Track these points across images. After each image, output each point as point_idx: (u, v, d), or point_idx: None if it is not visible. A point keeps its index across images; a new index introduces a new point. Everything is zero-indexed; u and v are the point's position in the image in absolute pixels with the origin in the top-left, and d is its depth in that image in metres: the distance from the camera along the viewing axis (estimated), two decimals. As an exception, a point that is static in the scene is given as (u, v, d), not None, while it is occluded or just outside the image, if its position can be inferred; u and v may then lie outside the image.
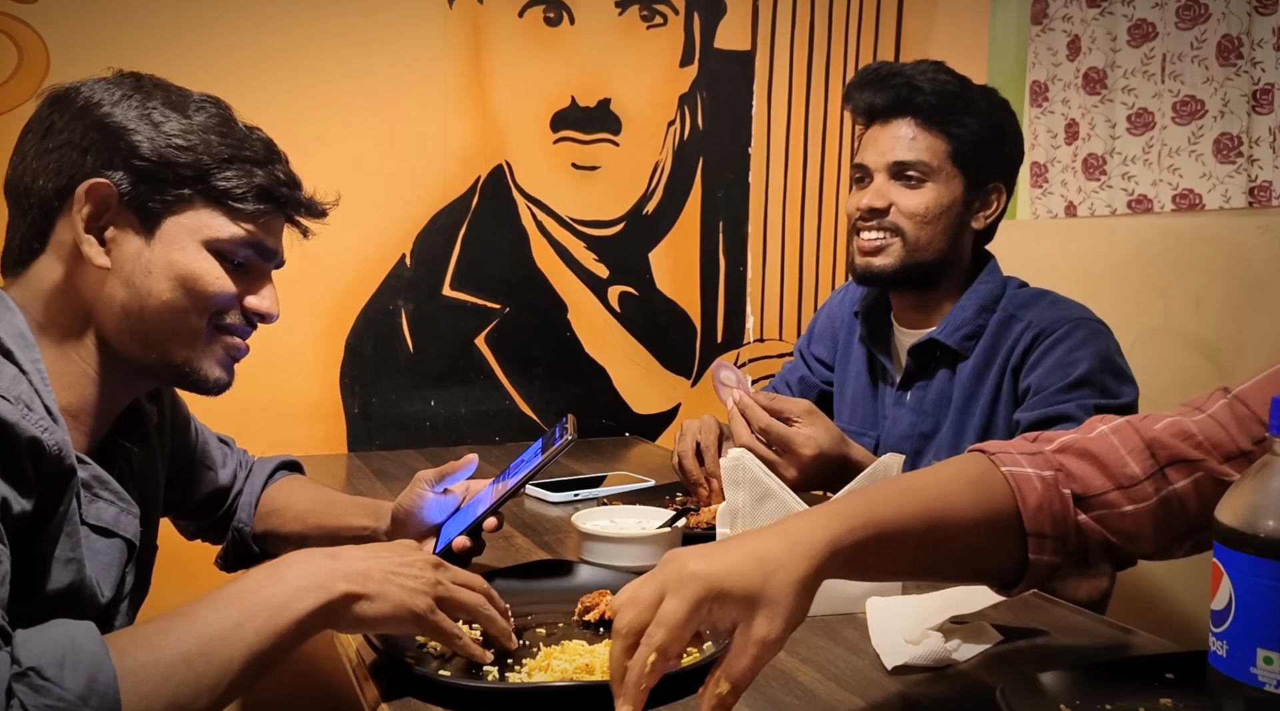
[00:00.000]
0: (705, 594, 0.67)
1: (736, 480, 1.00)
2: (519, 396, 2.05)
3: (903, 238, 1.31)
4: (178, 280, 0.86)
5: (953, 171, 1.31)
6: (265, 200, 0.89)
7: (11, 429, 0.72)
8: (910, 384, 1.37)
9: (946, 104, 1.30)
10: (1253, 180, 1.74)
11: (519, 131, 1.99)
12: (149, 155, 0.84)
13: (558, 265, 2.06)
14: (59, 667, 0.60)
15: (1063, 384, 1.21)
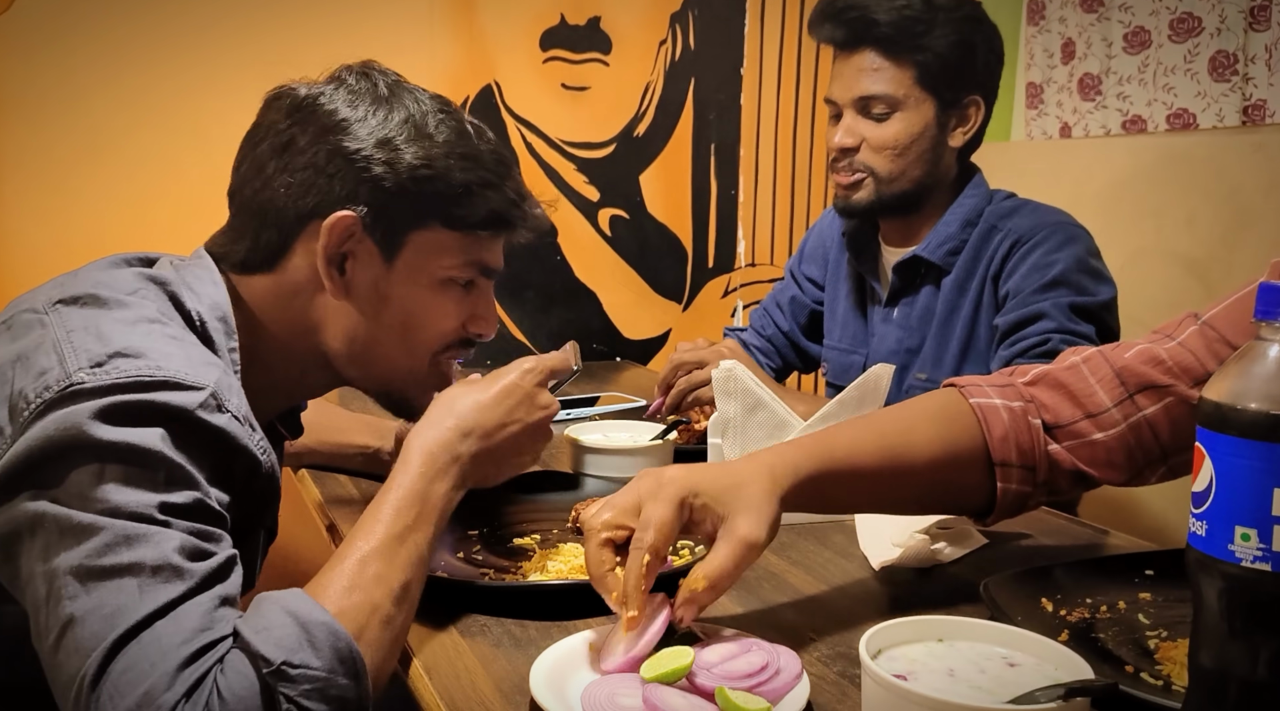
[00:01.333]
0: (685, 494, 0.70)
1: (728, 390, 1.01)
2: (510, 320, 2.05)
3: (874, 174, 1.31)
4: (406, 315, 0.84)
5: (921, 96, 1.29)
6: (499, 225, 0.87)
7: (241, 450, 0.71)
8: (896, 300, 1.38)
9: (906, 29, 1.26)
10: (1247, 99, 1.73)
11: (507, 50, 1.95)
12: (393, 188, 0.81)
13: (548, 187, 2.04)
14: (300, 651, 0.61)
15: (1039, 284, 1.22)
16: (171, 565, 0.62)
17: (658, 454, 1.14)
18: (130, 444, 0.64)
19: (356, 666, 0.63)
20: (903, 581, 0.87)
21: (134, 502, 0.63)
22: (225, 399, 0.70)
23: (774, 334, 1.58)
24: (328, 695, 0.61)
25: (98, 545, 0.61)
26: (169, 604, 0.61)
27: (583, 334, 2.11)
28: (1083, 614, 0.76)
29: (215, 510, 0.67)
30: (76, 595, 0.61)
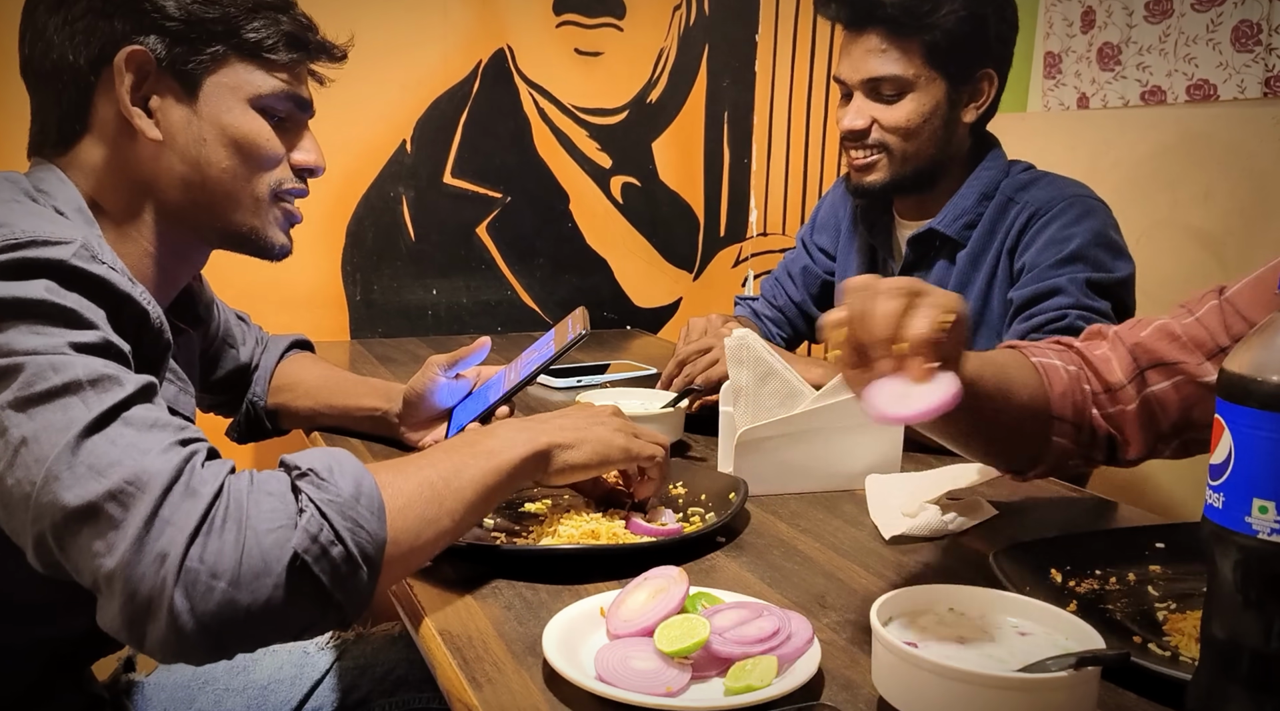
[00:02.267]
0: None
1: (740, 359, 1.01)
2: (520, 287, 2.05)
3: (889, 153, 1.29)
4: (233, 144, 0.85)
5: (931, 74, 1.27)
6: (295, 48, 0.87)
7: (126, 299, 0.72)
8: (910, 274, 1.37)
9: (913, 8, 1.24)
10: (1269, 70, 1.70)
11: (521, 14, 1.93)
12: (176, 14, 0.81)
13: (560, 154, 2.03)
14: (329, 472, 0.65)
15: (1055, 259, 1.21)
16: (106, 375, 0.64)
17: (669, 421, 1.14)
18: (18, 297, 0.65)
19: (378, 506, 0.66)
20: (913, 551, 0.87)
21: (45, 344, 0.64)
22: (97, 251, 0.70)
23: (785, 304, 1.57)
24: (346, 514, 0.64)
25: (25, 378, 0.62)
26: (119, 405, 0.63)
27: (593, 302, 2.11)
28: (1092, 585, 0.76)
29: (122, 350, 0.68)
30: (20, 423, 0.61)
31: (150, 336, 0.75)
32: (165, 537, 0.59)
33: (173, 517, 0.59)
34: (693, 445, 1.19)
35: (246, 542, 0.60)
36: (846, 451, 1.03)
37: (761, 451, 1.00)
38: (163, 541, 0.59)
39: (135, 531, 0.59)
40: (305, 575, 0.61)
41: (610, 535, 0.85)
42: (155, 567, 0.58)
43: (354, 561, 0.64)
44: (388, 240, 1.92)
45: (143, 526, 0.59)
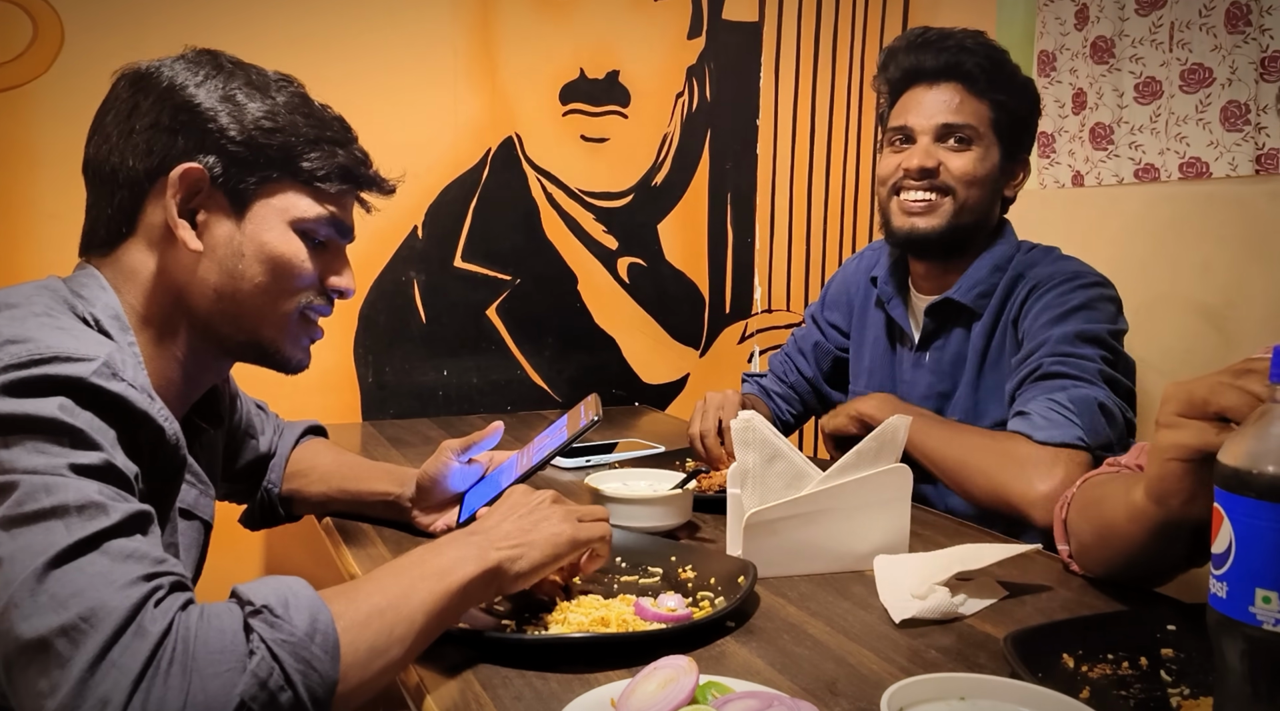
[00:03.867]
0: None
1: (747, 441, 1.02)
2: (530, 366, 2.07)
3: (953, 197, 1.31)
4: (269, 262, 0.87)
5: (993, 139, 1.33)
6: (346, 179, 0.90)
7: (143, 418, 0.73)
8: (928, 345, 1.39)
9: (991, 72, 1.32)
10: (1260, 148, 1.74)
11: (528, 103, 2.00)
12: (239, 138, 0.85)
13: (567, 237, 2.07)
14: (285, 608, 0.64)
15: (1046, 320, 1.24)
16: (95, 503, 0.64)
17: (677, 503, 1.14)
18: (30, 414, 0.65)
19: (332, 644, 0.64)
20: (923, 634, 0.87)
21: (44, 464, 0.64)
22: (119, 369, 0.72)
23: (796, 380, 1.59)
24: (299, 655, 0.62)
25: (17, 497, 0.63)
26: (100, 533, 0.63)
27: (602, 379, 2.13)
28: (1105, 670, 0.76)
29: (124, 474, 0.68)
30: (3, 542, 0.61)
31: (166, 452, 0.77)
32: (109, 682, 0.57)
33: (119, 659, 0.58)
34: (701, 526, 1.19)
35: (191, 689, 0.58)
36: (854, 532, 1.03)
37: (770, 533, 1.01)
38: (105, 686, 0.57)
39: (80, 673, 0.57)
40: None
41: (620, 622, 0.85)
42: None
43: (302, 706, 0.62)
44: (400, 322, 1.95)
45: (87, 668, 0.57)
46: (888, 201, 1.36)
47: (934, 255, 1.36)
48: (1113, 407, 1.15)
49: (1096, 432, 1.13)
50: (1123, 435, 1.16)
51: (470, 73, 1.94)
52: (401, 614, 0.70)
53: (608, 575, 1.00)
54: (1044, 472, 1.12)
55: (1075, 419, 1.14)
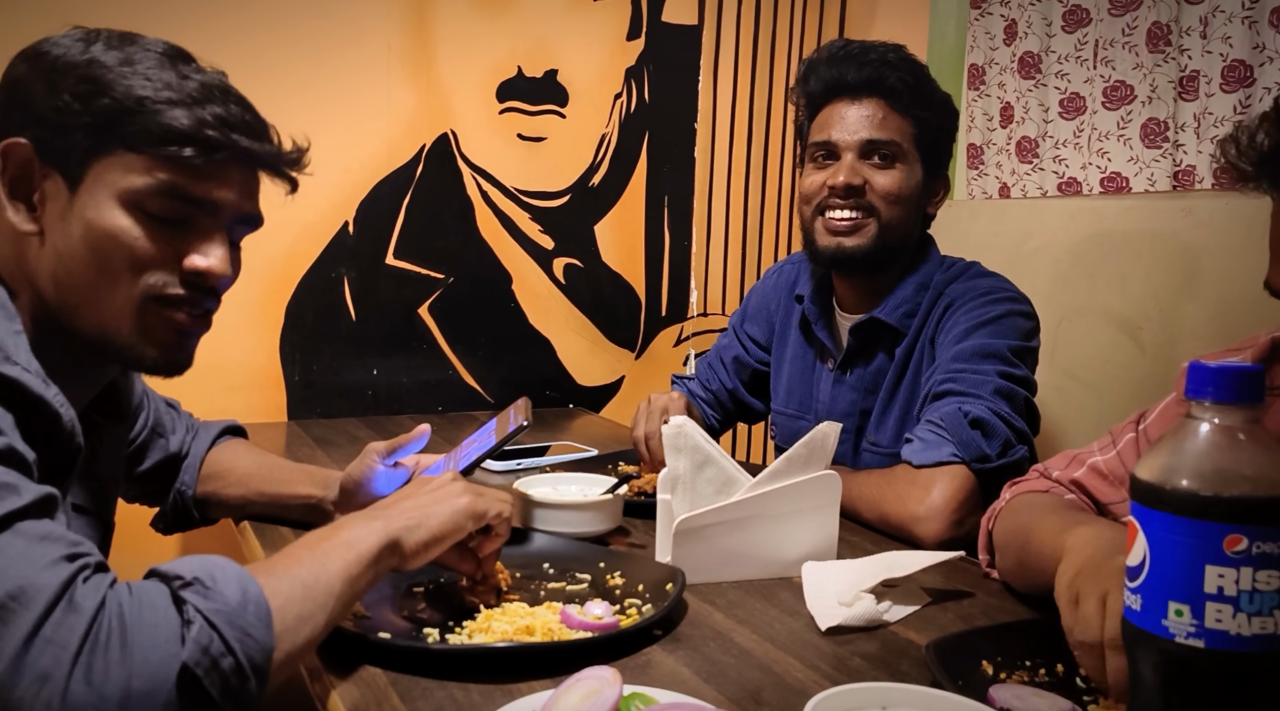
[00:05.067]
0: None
1: (678, 447, 1.01)
2: (462, 366, 2.04)
3: (877, 218, 1.31)
4: (93, 241, 0.78)
5: (916, 156, 1.33)
6: (185, 143, 0.79)
7: (38, 402, 0.70)
8: (851, 363, 1.39)
9: (914, 88, 1.32)
10: (1177, 164, 1.81)
11: (464, 100, 1.97)
12: (59, 106, 0.78)
13: (502, 236, 2.05)
14: (213, 580, 0.64)
15: (951, 338, 1.26)
16: (5, 483, 0.62)
17: (608, 508, 1.13)
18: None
19: (265, 612, 0.64)
20: (848, 641, 0.87)
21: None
22: (12, 352, 0.69)
23: (719, 389, 1.59)
24: (235, 623, 0.62)
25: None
26: (12, 514, 0.61)
27: (536, 380, 2.10)
28: (1022, 677, 0.77)
29: (25, 459, 0.66)
30: None
31: (61, 440, 0.73)
32: (47, 658, 0.56)
33: (54, 636, 0.57)
34: (632, 531, 1.18)
35: (134, 661, 0.58)
36: (784, 538, 1.03)
37: (699, 540, 1.00)
38: (44, 662, 0.56)
39: (13, 650, 0.56)
40: (195, 690, 0.59)
41: (545, 630, 0.83)
42: (35, 690, 0.56)
43: (243, 673, 0.62)
44: (329, 320, 1.90)
45: (21, 646, 0.56)
46: (812, 220, 1.35)
47: (859, 274, 1.37)
48: (991, 419, 1.16)
49: (968, 446, 1.14)
50: (1008, 444, 1.16)
51: (405, 67, 1.91)
52: (321, 582, 0.71)
53: (534, 582, 0.99)
54: (918, 494, 1.13)
55: (947, 436, 1.15)
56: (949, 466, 1.14)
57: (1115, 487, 0.92)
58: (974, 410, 1.17)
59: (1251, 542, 0.48)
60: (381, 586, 0.92)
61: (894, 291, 1.35)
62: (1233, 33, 1.67)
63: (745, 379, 1.58)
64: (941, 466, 1.14)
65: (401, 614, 0.88)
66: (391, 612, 0.89)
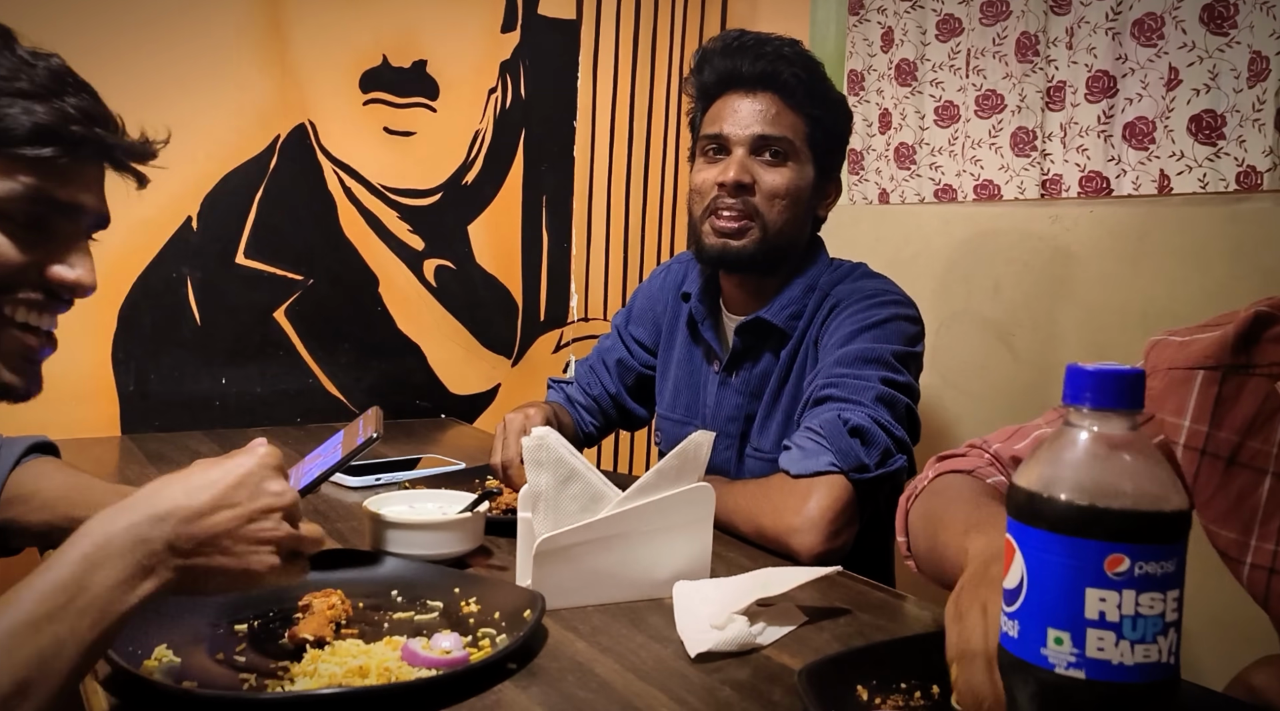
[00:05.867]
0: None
1: (539, 461, 0.94)
2: (323, 374, 1.90)
3: (762, 221, 1.27)
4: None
5: (808, 155, 1.29)
6: (50, 141, 0.72)
7: None
8: (736, 365, 1.34)
9: (809, 85, 1.28)
10: (1045, 173, 1.84)
11: (324, 89, 1.84)
12: None
13: (368, 235, 1.93)
14: None
15: (834, 341, 1.22)
16: None
17: (467, 527, 1.04)
18: None
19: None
20: (718, 669, 0.81)
21: None
22: None
23: (600, 393, 1.52)
24: None
25: None
26: None
27: (405, 389, 1.99)
28: (897, 701, 0.72)
29: None
30: None
31: None
32: None
33: None
34: (495, 551, 1.10)
35: None
36: (654, 557, 0.96)
37: (563, 560, 0.93)
38: None
39: None
40: None
41: (381, 671, 0.74)
42: None
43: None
44: (169, 324, 1.74)
45: None
46: (701, 220, 1.30)
47: (746, 275, 1.33)
48: (870, 427, 1.12)
49: (846, 455, 1.10)
50: (888, 453, 1.13)
51: (256, 51, 1.76)
52: (33, 696, 0.57)
53: (380, 612, 0.89)
54: (795, 505, 1.09)
55: (825, 444, 1.11)
56: (826, 476, 1.10)
57: None
58: (853, 418, 1.13)
59: (1134, 562, 0.44)
60: (197, 625, 0.81)
61: (781, 292, 1.31)
62: (1097, 44, 1.70)
63: (629, 383, 1.51)
64: (819, 476, 1.10)
65: (217, 657, 0.77)
66: (206, 656, 0.77)
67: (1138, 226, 1.57)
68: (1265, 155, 1.52)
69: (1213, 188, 1.59)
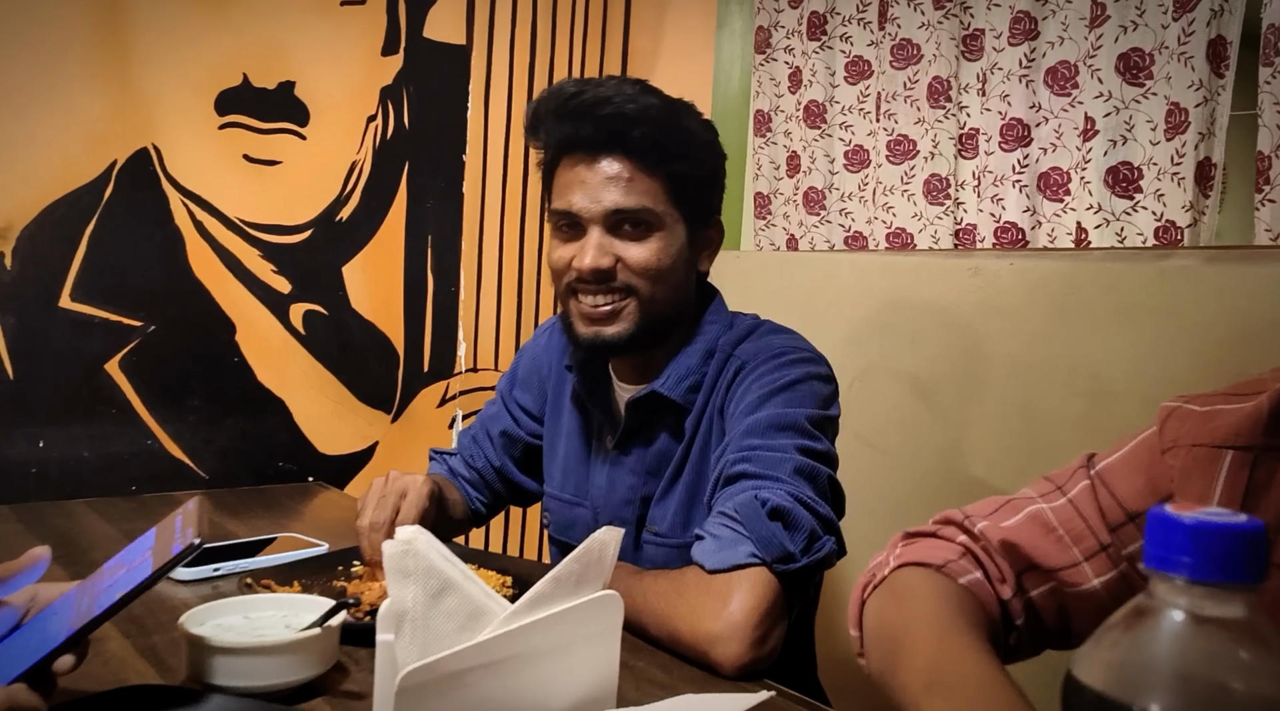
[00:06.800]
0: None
1: (406, 571, 0.75)
2: (166, 435, 1.65)
3: (637, 297, 1.09)
4: None
5: (675, 216, 1.11)
6: None
7: None
8: (630, 442, 1.17)
9: (663, 141, 1.08)
10: (958, 222, 1.77)
11: (172, 110, 1.61)
12: None
13: (223, 276, 1.70)
14: None
15: (742, 409, 1.07)
16: None
17: (314, 647, 0.84)
18: None
19: None
20: None
21: None
22: None
23: (484, 466, 1.33)
24: None
25: None
26: None
27: (265, 451, 1.75)
28: None
29: None
30: None
31: None
32: None
33: None
34: (353, 669, 0.90)
35: None
36: (550, 683, 0.79)
37: (435, 695, 0.74)
38: None
39: None
40: None
41: None
42: None
43: None
44: (-28, 379, 1.47)
45: None
46: (566, 299, 1.13)
47: (643, 350, 1.16)
48: (792, 508, 0.97)
49: (768, 543, 0.95)
50: (814, 536, 0.98)
51: (88, 65, 1.53)
52: None
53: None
54: (713, 607, 0.93)
55: (743, 531, 0.96)
56: (747, 570, 0.94)
57: (1065, 547, 0.70)
58: (772, 497, 0.98)
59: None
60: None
61: (675, 360, 1.15)
62: (1010, 91, 1.65)
63: (516, 454, 1.33)
64: (739, 570, 0.94)
65: None
66: None
67: (1061, 280, 1.50)
68: (1185, 210, 1.47)
69: (1130, 242, 1.54)
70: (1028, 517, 0.73)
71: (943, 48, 1.75)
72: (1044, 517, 0.72)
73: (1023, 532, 0.72)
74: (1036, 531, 0.72)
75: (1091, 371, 1.46)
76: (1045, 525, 0.72)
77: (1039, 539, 0.72)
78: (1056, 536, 0.71)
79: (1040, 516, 0.73)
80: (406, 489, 1.11)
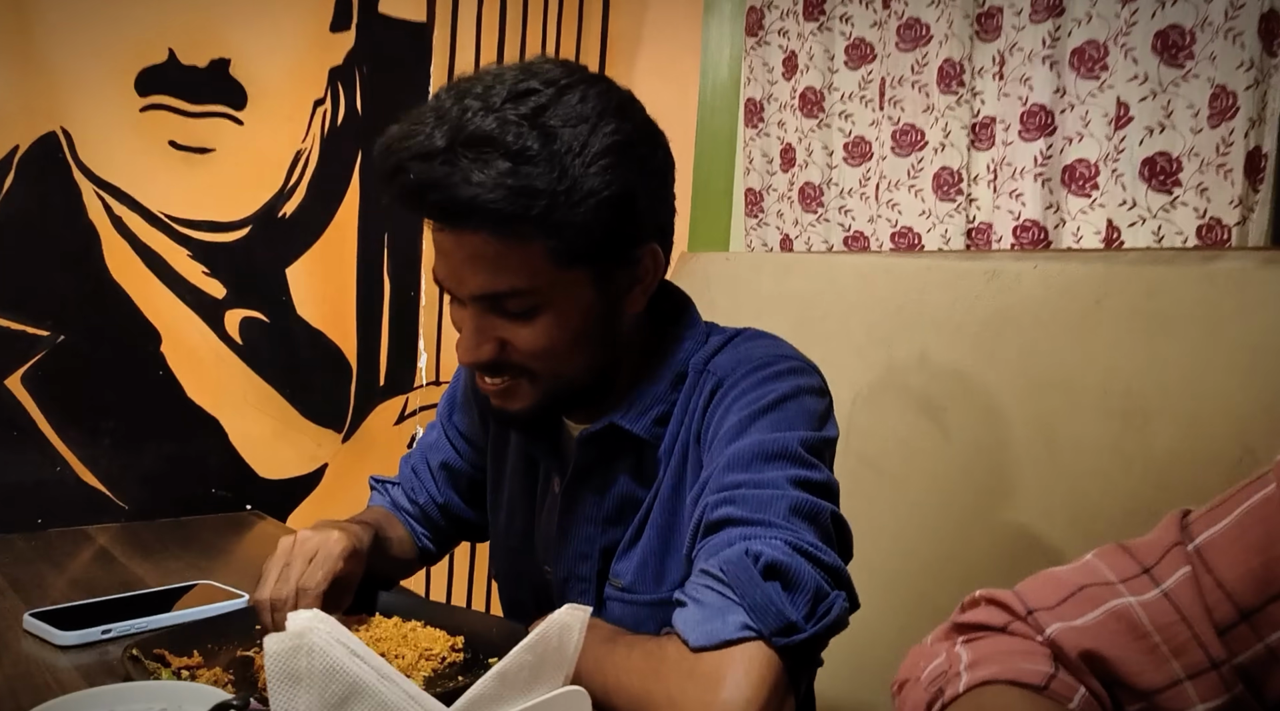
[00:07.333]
0: None
1: (295, 674, 0.56)
2: (77, 460, 1.45)
3: (530, 376, 0.88)
4: None
5: (569, 277, 0.86)
6: None
7: None
8: (584, 484, 0.96)
9: (525, 202, 0.80)
10: (971, 221, 1.60)
11: (84, 89, 1.42)
12: None
13: (146, 279, 1.50)
14: None
15: (723, 434, 0.87)
16: None
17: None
18: None
19: None
20: None
21: None
22: None
23: (426, 502, 1.14)
24: None
25: None
26: None
27: (196, 476, 1.56)
28: None
29: None
30: None
31: None
32: None
33: None
34: (251, 777, 0.71)
35: None
36: (491, 813, 0.60)
37: None
38: None
39: None
40: None
41: None
42: None
43: None
44: None
45: None
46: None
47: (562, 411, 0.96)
48: (792, 562, 0.77)
49: (764, 612, 0.75)
50: (820, 595, 0.78)
51: (-16, 33, 1.34)
52: None
53: None
54: (698, 696, 0.73)
55: (732, 596, 0.76)
56: (741, 646, 0.75)
57: (1162, 661, 0.53)
58: (766, 550, 0.78)
59: None
60: None
61: (638, 387, 0.94)
62: (1031, 74, 1.48)
63: (461, 488, 1.13)
64: (730, 647, 0.75)
65: None
66: None
67: (1089, 285, 1.33)
68: (1232, 206, 1.30)
69: (1169, 242, 1.37)
70: (1110, 616, 0.54)
71: (955, 27, 1.57)
72: (1132, 617, 0.54)
73: (1104, 638, 0.54)
74: (1123, 637, 0.54)
75: (1125, 389, 1.29)
76: (1135, 629, 0.54)
77: (1127, 649, 0.53)
78: (1150, 644, 0.53)
79: (1128, 615, 0.54)
80: (317, 550, 0.91)
